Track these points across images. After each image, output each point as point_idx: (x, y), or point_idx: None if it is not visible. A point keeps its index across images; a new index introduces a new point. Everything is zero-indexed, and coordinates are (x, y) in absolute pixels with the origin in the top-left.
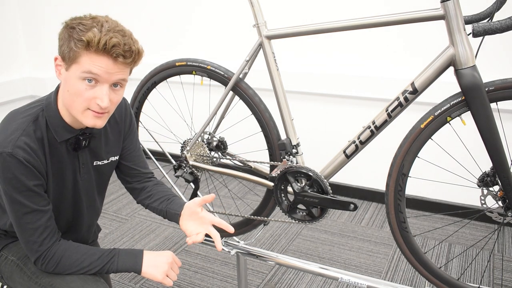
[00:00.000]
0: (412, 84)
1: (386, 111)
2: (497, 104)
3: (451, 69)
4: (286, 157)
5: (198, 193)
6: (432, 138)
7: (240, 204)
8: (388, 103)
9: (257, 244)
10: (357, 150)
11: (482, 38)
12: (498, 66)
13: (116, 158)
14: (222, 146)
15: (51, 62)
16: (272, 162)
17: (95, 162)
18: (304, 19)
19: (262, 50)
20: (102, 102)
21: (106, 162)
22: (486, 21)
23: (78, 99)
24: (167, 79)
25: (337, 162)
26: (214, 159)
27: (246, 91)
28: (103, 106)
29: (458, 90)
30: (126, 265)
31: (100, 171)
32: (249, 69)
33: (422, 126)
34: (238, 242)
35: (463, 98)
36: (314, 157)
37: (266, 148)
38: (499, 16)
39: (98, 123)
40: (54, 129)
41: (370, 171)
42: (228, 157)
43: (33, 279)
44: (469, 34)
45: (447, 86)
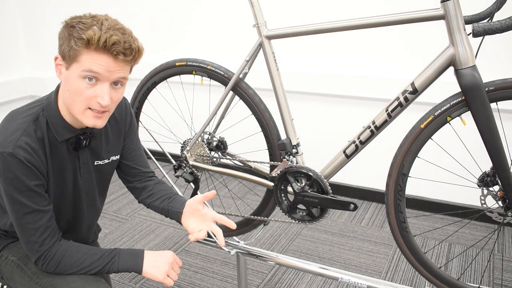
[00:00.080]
0: (412, 84)
1: (386, 111)
2: (497, 104)
3: (451, 69)
4: (286, 157)
5: (198, 193)
6: (432, 138)
7: (240, 204)
8: (388, 103)
9: (257, 244)
10: (357, 150)
11: (482, 38)
12: (498, 66)
13: (116, 157)
14: (222, 146)
15: (51, 62)
16: (272, 162)
17: (96, 161)
18: (304, 19)
19: (262, 50)
20: (103, 100)
21: (107, 161)
22: (486, 21)
23: (78, 98)
24: (167, 79)
25: (337, 162)
26: (214, 159)
27: (246, 91)
28: (104, 105)
29: (458, 90)
30: (127, 265)
31: (101, 171)
32: (249, 69)
33: (422, 126)
34: (238, 242)
35: (463, 98)
36: (314, 157)
37: (266, 148)
38: (499, 16)
39: (98, 123)
40: (54, 128)
41: (370, 171)
42: (228, 157)
43: (33, 279)
44: (469, 34)
45: (447, 86)
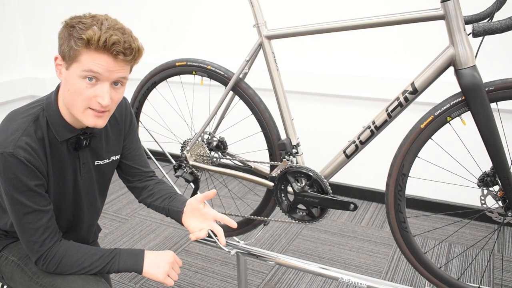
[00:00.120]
0: (412, 84)
1: (386, 111)
2: (497, 104)
3: (451, 69)
4: (286, 157)
5: (198, 193)
6: (432, 138)
7: (240, 204)
8: (388, 103)
9: (257, 244)
10: (357, 150)
11: (482, 38)
12: (498, 66)
13: (117, 157)
14: (222, 146)
15: (51, 62)
16: (272, 162)
17: (96, 161)
18: (304, 19)
19: (262, 50)
20: (103, 100)
21: (107, 161)
22: (486, 21)
23: (78, 98)
24: (167, 79)
25: (337, 162)
26: (214, 159)
27: (246, 91)
28: (104, 104)
29: (458, 90)
30: (127, 265)
31: (101, 171)
32: (249, 69)
33: (422, 126)
34: (238, 242)
35: (463, 98)
36: (314, 157)
37: (266, 148)
38: (499, 16)
39: (99, 123)
40: (55, 128)
41: (370, 171)
42: (228, 157)
43: (34, 279)
44: (469, 34)
45: (447, 86)
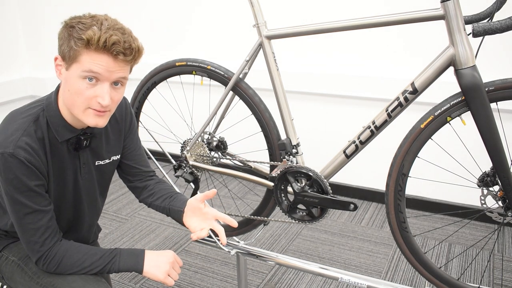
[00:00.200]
0: (412, 84)
1: (386, 111)
2: (497, 104)
3: (451, 69)
4: (286, 157)
5: (198, 193)
6: (432, 138)
7: (240, 204)
8: (388, 103)
9: (257, 244)
10: (357, 150)
11: (482, 38)
12: (498, 66)
13: (117, 157)
14: (222, 146)
15: (51, 62)
16: (272, 162)
17: (97, 162)
18: (304, 19)
19: (262, 50)
20: (103, 100)
21: (107, 161)
22: (486, 21)
23: (79, 98)
24: (167, 79)
25: (337, 162)
26: (214, 159)
27: (246, 91)
28: (104, 104)
29: (458, 90)
30: (128, 265)
31: (101, 171)
32: (249, 69)
33: (422, 126)
34: (238, 242)
35: (463, 98)
36: (314, 157)
37: (266, 148)
38: (499, 16)
39: (99, 122)
40: (55, 128)
41: (370, 171)
42: (228, 157)
43: (34, 279)
44: (469, 34)
45: (447, 86)
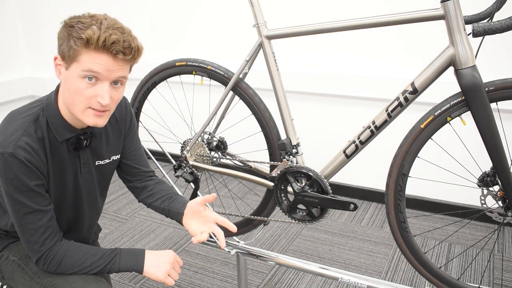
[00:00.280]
0: (412, 84)
1: (386, 111)
2: (497, 104)
3: (451, 69)
4: (286, 157)
5: (198, 193)
6: (432, 138)
7: (240, 204)
8: (388, 103)
9: (257, 244)
10: (357, 150)
11: (482, 38)
12: (498, 66)
13: (117, 157)
14: (222, 146)
15: (51, 62)
16: (272, 162)
17: (97, 161)
18: (304, 19)
19: (262, 50)
20: (103, 99)
21: (107, 161)
22: (486, 21)
23: (78, 98)
24: (167, 79)
25: (337, 162)
26: (214, 159)
27: (246, 91)
28: (104, 104)
29: (458, 90)
30: (128, 265)
31: (101, 171)
32: (249, 69)
33: (422, 126)
34: (238, 242)
35: (463, 98)
36: (314, 157)
37: (266, 148)
38: (499, 16)
39: (99, 122)
40: (55, 128)
41: (370, 171)
42: (228, 157)
43: (34, 279)
44: (469, 34)
45: (447, 86)
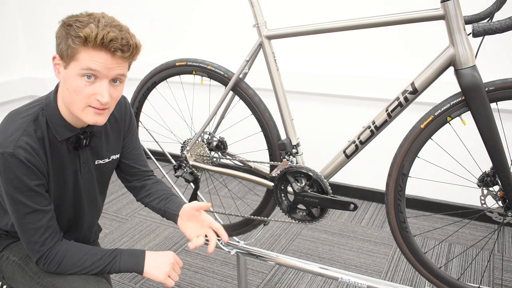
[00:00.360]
0: (412, 84)
1: (386, 111)
2: (497, 104)
3: (451, 69)
4: (286, 157)
5: (198, 193)
6: (432, 138)
7: (240, 204)
8: (388, 103)
9: (257, 244)
10: (357, 150)
11: (482, 38)
12: (498, 66)
13: (117, 156)
14: (222, 146)
15: (51, 62)
16: (272, 162)
17: (97, 161)
18: (304, 19)
19: (262, 50)
20: (102, 97)
21: (107, 160)
22: (486, 21)
23: (78, 96)
24: (167, 79)
25: (337, 162)
26: (214, 159)
27: (246, 91)
28: (104, 102)
29: (458, 90)
30: (128, 265)
31: (101, 170)
32: (249, 69)
33: (422, 126)
34: (238, 242)
35: (463, 98)
36: (314, 157)
37: (266, 148)
38: (499, 16)
39: (99, 120)
40: (54, 128)
41: (370, 171)
42: (228, 157)
43: (35, 279)
44: (469, 34)
45: (447, 86)
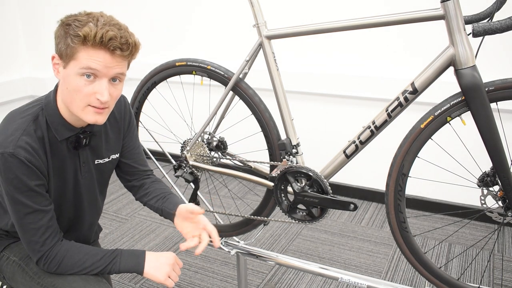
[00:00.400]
0: (412, 84)
1: (386, 111)
2: (497, 104)
3: (451, 69)
4: (286, 157)
5: (198, 193)
6: (432, 138)
7: (240, 204)
8: (388, 103)
9: (257, 244)
10: (357, 150)
11: (482, 38)
12: (498, 66)
13: (116, 155)
14: (222, 146)
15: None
16: (272, 162)
17: (96, 160)
18: (304, 19)
19: (262, 50)
20: (102, 96)
21: (107, 160)
22: (486, 21)
23: (78, 96)
24: (167, 79)
25: (337, 162)
26: (214, 159)
27: (246, 91)
28: (104, 101)
29: (458, 90)
30: (128, 266)
31: (101, 170)
32: (249, 69)
33: (422, 126)
34: (238, 242)
35: (463, 98)
36: (314, 157)
37: (266, 148)
38: (499, 16)
39: (99, 119)
40: (54, 127)
41: (370, 171)
42: (228, 157)
43: (35, 279)
44: (469, 34)
45: (447, 86)
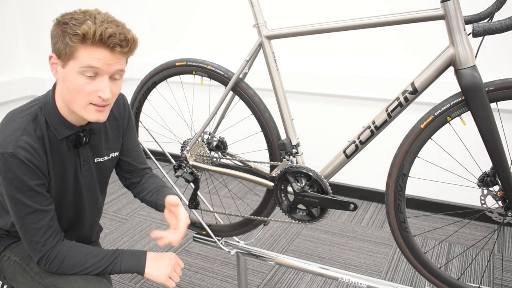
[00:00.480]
0: (412, 84)
1: (386, 111)
2: (497, 104)
3: (451, 69)
4: (286, 157)
5: (198, 193)
6: (432, 138)
7: (240, 204)
8: (388, 103)
9: (257, 244)
10: (357, 150)
11: (482, 38)
12: (498, 66)
13: (116, 154)
14: (222, 146)
15: None
16: (272, 162)
17: (96, 159)
18: (304, 19)
19: (262, 50)
20: (104, 94)
21: (106, 158)
22: (486, 21)
23: (79, 95)
24: (167, 79)
25: (337, 162)
26: (214, 159)
27: (246, 91)
28: (106, 98)
29: (458, 90)
30: (129, 266)
31: (101, 168)
32: (249, 69)
33: (422, 126)
34: (238, 242)
35: (463, 98)
36: (314, 157)
37: (266, 148)
38: (499, 16)
39: (101, 117)
40: (54, 126)
41: (370, 171)
42: (228, 157)
43: (36, 279)
44: (469, 34)
45: (447, 86)
